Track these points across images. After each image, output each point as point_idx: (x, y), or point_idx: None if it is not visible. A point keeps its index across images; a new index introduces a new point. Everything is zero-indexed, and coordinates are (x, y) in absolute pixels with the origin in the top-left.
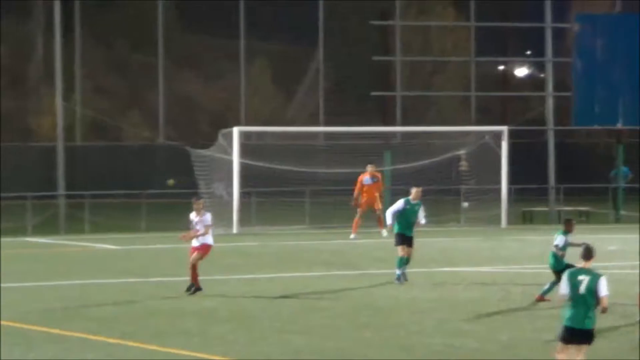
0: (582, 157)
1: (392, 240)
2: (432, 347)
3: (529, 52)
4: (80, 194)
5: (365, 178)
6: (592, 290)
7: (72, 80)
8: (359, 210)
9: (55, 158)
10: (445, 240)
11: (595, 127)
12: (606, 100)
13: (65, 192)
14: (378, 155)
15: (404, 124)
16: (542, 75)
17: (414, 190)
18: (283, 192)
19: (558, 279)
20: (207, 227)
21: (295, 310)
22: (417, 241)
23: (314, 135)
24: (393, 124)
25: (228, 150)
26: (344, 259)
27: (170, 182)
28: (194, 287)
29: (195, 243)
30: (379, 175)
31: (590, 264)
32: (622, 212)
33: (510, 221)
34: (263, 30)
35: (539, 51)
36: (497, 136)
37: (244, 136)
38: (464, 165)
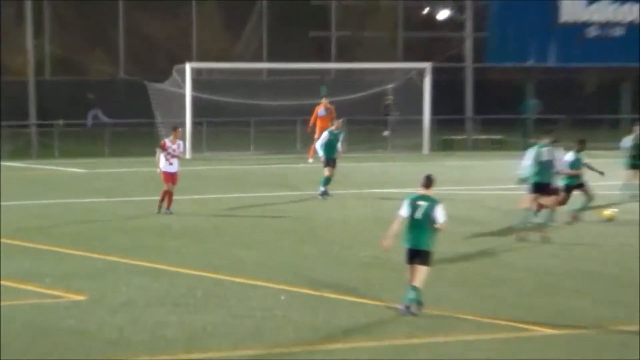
0: (496, 92)
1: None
2: (362, 260)
3: None
4: (50, 123)
5: (320, 110)
6: (428, 215)
7: (42, 20)
8: (314, 137)
9: (27, 91)
10: (374, 165)
11: (507, 64)
12: (518, 40)
13: (36, 122)
14: (314, 90)
15: (338, 61)
16: (462, 17)
17: (335, 122)
18: (230, 122)
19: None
20: (180, 153)
21: (242, 227)
22: (349, 166)
23: (259, 71)
24: (328, 61)
25: (181, 85)
26: (286, 182)
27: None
28: (167, 209)
29: (170, 168)
30: (331, 107)
31: (430, 191)
32: (531, 140)
33: (432, 148)
34: None
35: None
36: (421, 73)
37: (196, 72)
38: (389, 99)
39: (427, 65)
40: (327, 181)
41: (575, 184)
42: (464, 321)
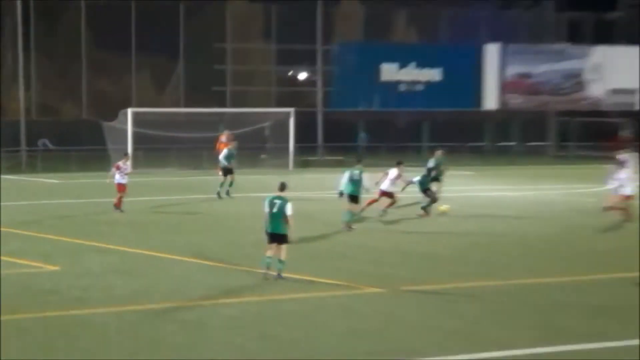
0: (338, 127)
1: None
2: (248, 241)
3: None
4: (34, 149)
5: (222, 138)
6: (282, 209)
7: (29, 78)
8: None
9: (20, 126)
10: (256, 177)
11: (345, 109)
12: (352, 92)
13: (25, 148)
14: (215, 126)
15: (232, 107)
16: (315, 77)
17: (232, 143)
18: (159, 148)
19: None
20: (129, 171)
21: (169, 220)
22: (240, 178)
23: (178, 113)
24: (225, 106)
25: (125, 123)
26: (200, 188)
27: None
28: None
29: (122, 181)
30: (231, 136)
31: (283, 193)
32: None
33: (295, 165)
34: (148, 48)
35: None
36: (287, 115)
37: (135, 114)
38: (267, 131)
39: (291, 110)
40: (228, 184)
41: (424, 188)
42: (318, 283)
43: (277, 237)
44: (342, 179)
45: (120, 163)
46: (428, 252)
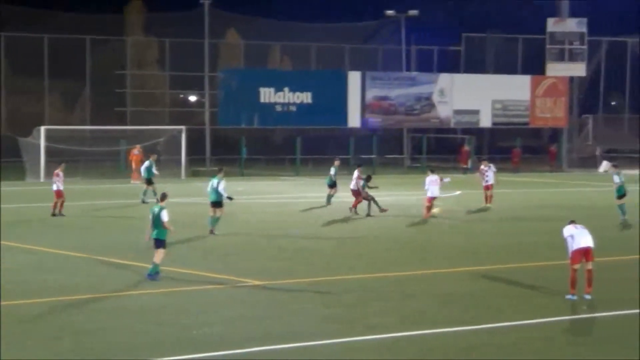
0: (224, 141)
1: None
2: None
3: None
4: None
5: (134, 151)
6: (159, 216)
7: None
8: (134, 167)
9: None
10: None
11: (230, 126)
12: (236, 112)
13: None
14: (117, 141)
15: (131, 124)
16: (204, 99)
17: (152, 155)
18: (69, 159)
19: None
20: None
21: (90, 222)
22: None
23: (84, 130)
24: (126, 124)
25: (38, 139)
26: (112, 195)
27: None
28: (59, 212)
29: (61, 188)
30: (141, 149)
31: (163, 203)
32: (245, 171)
33: (186, 175)
34: (59, 74)
35: (201, 87)
36: (180, 131)
37: (47, 131)
38: (160, 144)
39: (183, 127)
40: (147, 192)
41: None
42: (207, 277)
43: (156, 242)
44: (209, 188)
45: (58, 170)
46: (302, 248)
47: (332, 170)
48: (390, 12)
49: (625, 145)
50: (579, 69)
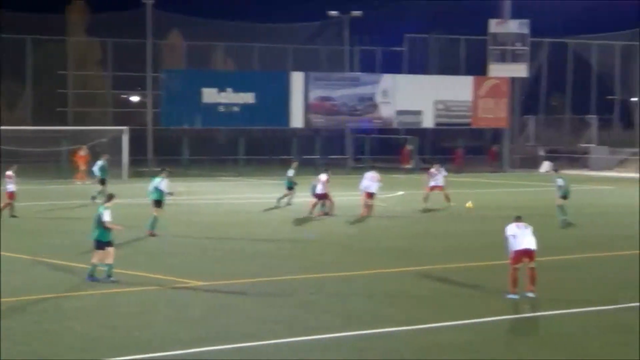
0: (167, 142)
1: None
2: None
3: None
4: None
5: (81, 152)
6: (100, 216)
7: None
8: (81, 168)
9: None
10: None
11: (172, 127)
12: (178, 112)
13: None
14: (59, 141)
15: (74, 125)
16: (146, 100)
17: (104, 156)
18: (14, 161)
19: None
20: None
21: (39, 224)
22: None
23: (26, 131)
24: (67, 124)
25: None
26: (56, 196)
27: None
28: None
29: (14, 190)
30: (87, 150)
31: (110, 204)
32: (188, 172)
33: (129, 176)
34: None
35: (144, 87)
36: (121, 132)
37: None
38: (102, 145)
39: (125, 128)
40: (101, 192)
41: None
42: (150, 278)
43: (96, 243)
44: (150, 187)
45: (11, 172)
46: (245, 249)
47: (291, 172)
48: (333, 13)
49: (566, 145)
50: (520, 70)
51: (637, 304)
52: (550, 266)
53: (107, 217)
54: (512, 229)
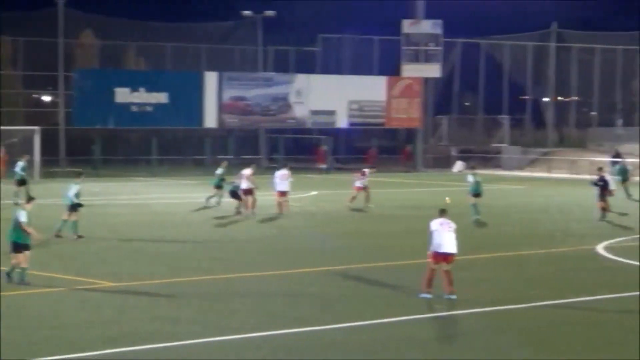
0: (81, 142)
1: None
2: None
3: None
4: None
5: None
6: (17, 218)
7: None
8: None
9: None
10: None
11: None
12: (89, 113)
13: None
14: None
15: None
16: (59, 100)
17: (25, 156)
18: None
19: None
20: None
21: None
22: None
23: None
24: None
25: None
26: None
27: None
28: None
29: None
30: (5, 151)
31: (29, 206)
32: (101, 172)
33: (41, 176)
34: None
35: (56, 87)
36: (33, 132)
37: None
38: (16, 144)
39: (37, 128)
40: (18, 193)
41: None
42: (61, 279)
43: (14, 246)
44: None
45: None
46: (158, 250)
47: (220, 171)
48: (247, 13)
49: (479, 145)
50: (433, 70)
51: (545, 302)
52: (460, 266)
53: (22, 218)
54: (436, 224)
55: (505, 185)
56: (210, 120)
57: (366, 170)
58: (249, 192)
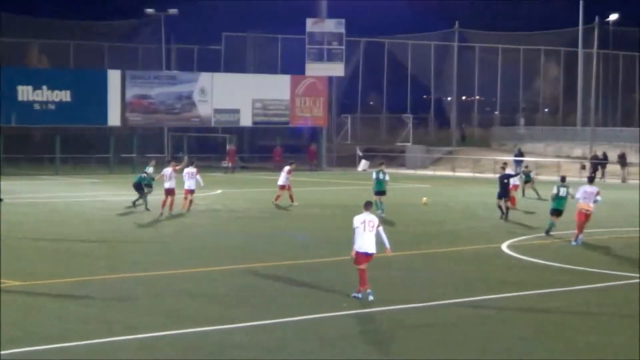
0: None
1: None
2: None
3: None
4: None
5: None
6: None
7: None
8: None
9: None
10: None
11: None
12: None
13: None
14: None
15: None
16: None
17: None
18: None
19: None
20: None
21: None
22: None
23: None
24: None
25: None
26: None
27: None
28: None
29: None
30: None
31: None
32: (3, 171)
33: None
34: None
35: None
36: None
37: None
38: None
39: None
40: None
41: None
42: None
43: None
44: None
45: None
46: (64, 249)
47: (150, 169)
48: (150, 11)
49: (383, 144)
50: (337, 69)
51: (452, 300)
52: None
53: None
54: (357, 221)
55: (410, 184)
56: (114, 118)
57: (289, 167)
58: (170, 192)
